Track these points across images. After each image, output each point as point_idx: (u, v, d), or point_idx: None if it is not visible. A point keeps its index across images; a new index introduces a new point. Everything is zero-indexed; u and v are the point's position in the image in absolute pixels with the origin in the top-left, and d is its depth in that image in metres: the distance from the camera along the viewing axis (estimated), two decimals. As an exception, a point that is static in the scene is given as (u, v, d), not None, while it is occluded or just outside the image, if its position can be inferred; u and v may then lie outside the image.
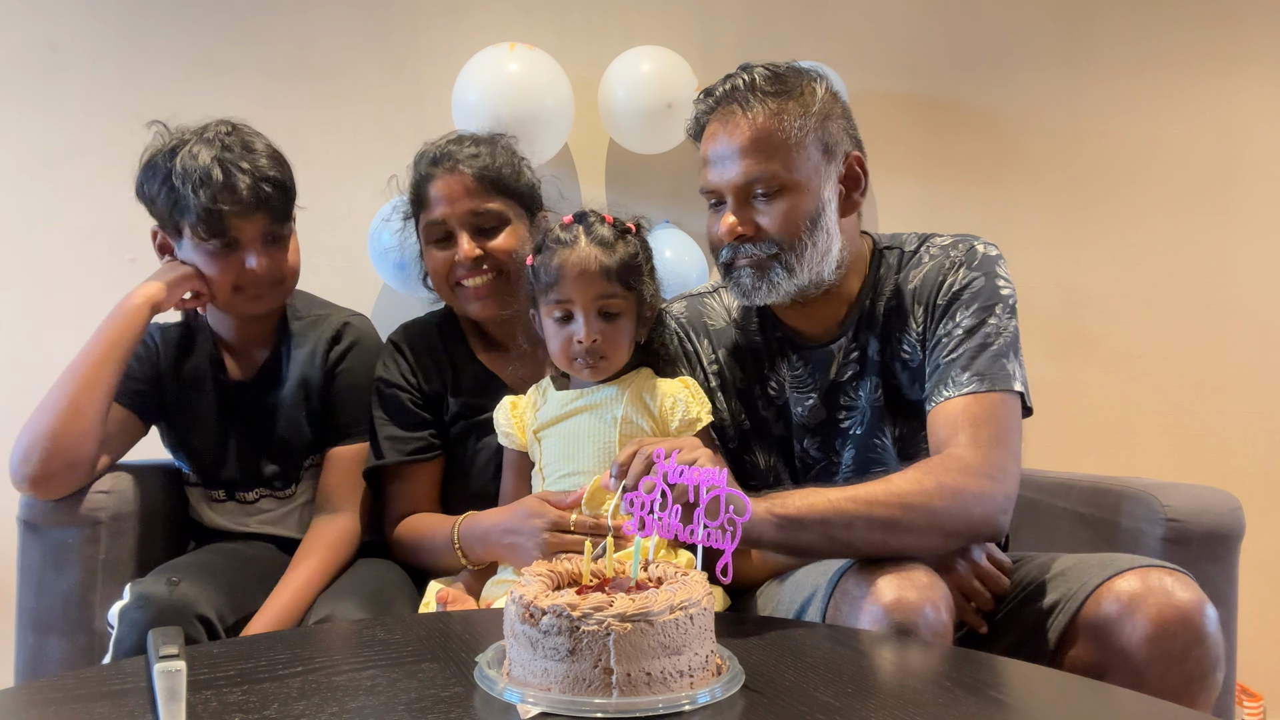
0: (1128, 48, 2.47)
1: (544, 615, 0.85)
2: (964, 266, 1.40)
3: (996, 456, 1.26)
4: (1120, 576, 1.16)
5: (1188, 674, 1.11)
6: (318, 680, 0.92)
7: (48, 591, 1.48)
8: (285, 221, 1.58)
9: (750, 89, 1.38)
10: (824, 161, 1.38)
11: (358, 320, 1.69)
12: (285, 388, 1.63)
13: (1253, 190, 2.50)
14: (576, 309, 1.37)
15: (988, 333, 1.35)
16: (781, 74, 1.39)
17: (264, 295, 1.57)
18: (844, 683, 0.94)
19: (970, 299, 1.38)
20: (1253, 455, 2.48)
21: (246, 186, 1.48)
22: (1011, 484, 1.27)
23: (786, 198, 1.36)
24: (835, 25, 2.40)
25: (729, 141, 1.37)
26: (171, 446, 1.69)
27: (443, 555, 1.49)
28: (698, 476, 1.00)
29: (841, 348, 1.45)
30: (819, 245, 1.37)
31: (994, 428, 1.28)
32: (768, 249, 1.37)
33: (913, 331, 1.42)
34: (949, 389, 1.32)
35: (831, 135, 1.38)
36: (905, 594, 1.11)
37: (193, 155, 1.48)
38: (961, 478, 1.22)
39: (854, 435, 1.46)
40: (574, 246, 1.37)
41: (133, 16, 2.21)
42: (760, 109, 1.36)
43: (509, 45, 2.14)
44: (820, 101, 1.38)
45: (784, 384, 1.49)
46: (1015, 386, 1.32)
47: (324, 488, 1.60)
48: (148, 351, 1.63)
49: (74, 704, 0.87)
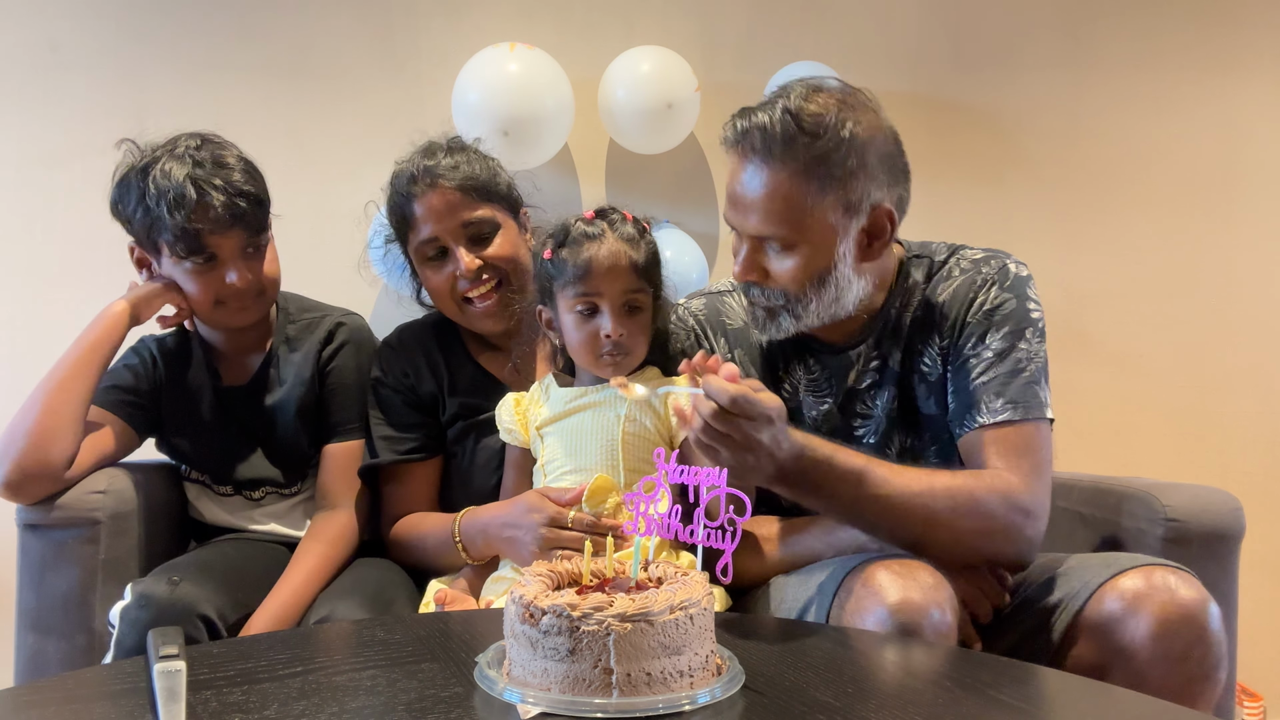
0: (1128, 48, 2.47)
1: (544, 615, 0.85)
2: (996, 285, 1.38)
3: (1039, 490, 1.27)
4: (1124, 575, 1.16)
5: (1190, 672, 1.11)
6: (318, 680, 0.92)
7: (48, 591, 1.48)
8: (262, 233, 1.57)
9: (770, 138, 1.28)
10: (844, 218, 1.31)
11: (351, 320, 1.70)
12: (282, 391, 1.63)
13: (1253, 190, 2.50)
14: (604, 303, 1.36)
15: (1019, 358, 1.33)
16: (805, 126, 1.27)
17: (247, 307, 1.57)
18: (844, 683, 0.94)
19: (1001, 321, 1.36)
20: (1253, 455, 2.48)
21: (221, 204, 1.47)
22: (1045, 519, 1.28)
23: (797, 254, 1.32)
24: (835, 25, 2.40)
25: (743, 189, 1.31)
26: (174, 453, 1.70)
27: (442, 552, 1.49)
28: (698, 476, 1.00)
29: (861, 355, 1.43)
30: (826, 297, 1.34)
31: (1032, 458, 1.29)
32: (776, 298, 1.35)
33: (936, 345, 1.40)
34: (983, 415, 1.32)
35: (856, 192, 1.30)
36: (911, 595, 1.11)
37: (165, 174, 1.48)
38: (1004, 508, 1.24)
39: (866, 444, 1.43)
40: (602, 240, 1.36)
41: (133, 16, 2.21)
42: (779, 169, 1.28)
43: (509, 45, 2.14)
44: (853, 156, 1.28)
45: (798, 387, 1.48)
46: (1048, 414, 1.32)
47: (321, 484, 1.61)
48: (144, 364, 1.64)
49: (74, 704, 0.87)
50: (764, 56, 2.35)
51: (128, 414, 1.60)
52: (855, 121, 1.29)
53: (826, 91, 1.31)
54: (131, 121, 2.18)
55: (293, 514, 1.68)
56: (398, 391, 1.61)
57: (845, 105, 1.30)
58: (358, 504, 1.60)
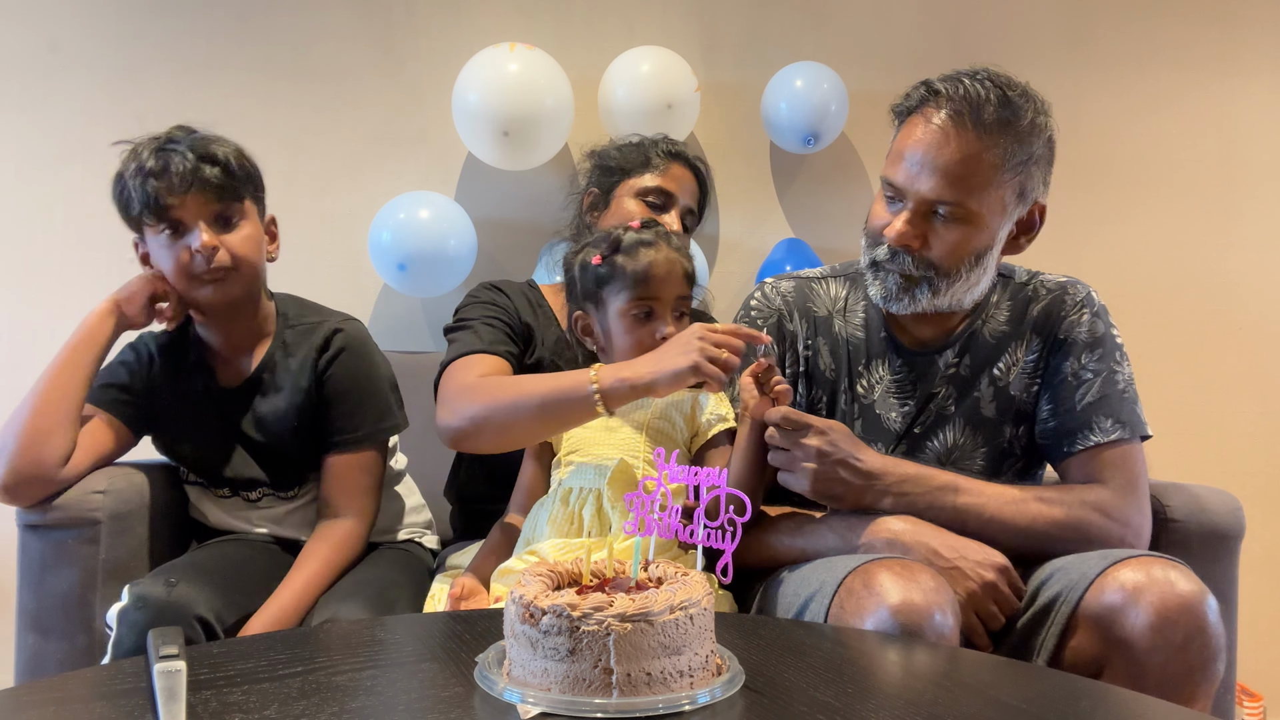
0: (1128, 48, 2.47)
1: (544, 615, 0.85)
2: (1087, 309, 1.45)
3: (1147, 508, 1.36)
4: (1122, 565, 1.17)
5: (1189, 663, 1.11)
6: (318, 680, 0.91)
7: (48, 592, 1.48)
8: (232, 202, 1.54)
9: (979, 105, 1.30)
10: (1014, 202, 1.36)
11: (350, 325, 1.67)
12: (277, 397, 1.62)
13: (1253, 190, 2.50)
14: (661, 306, 1.41)
15: (1119, 380, 1.41)
16: (1015, 102, 1.32)
17: (220, 279, 1.53)
18: (844, 683, 0.94)
19: (1096, 343, 1.43)
20: (1253, 455, 2.48)
21: (183, 166, 1.48)
22: (1148, 533, 1.36)
23: (964, 228, 1.34)
24: (835, 25, 2.40)
25: (932, 151, 1.32)
26: (169, 453, 1.69)
27: (557, 407, 1.36)
28: (698, 476, 1.00)
29: (947, 360, 1.46)
30: (971, 279, 1.38)
31: (1141, 480, 1.37)
32: (923, 269, 1.36)
33: (1013, 356, 1.45)
34: (1095, 434, 1.38)
35: (1032, 180, 1.35)
36: (912, 596, 1.11)
37: (138, 153, 1.51)
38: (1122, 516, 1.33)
39: (913, 434, 1.46)
40: (659, 248, 1.42)
41: (133, 16, 2.21)
42: (977, 134, 1.30)
43: (509, 45, 2.14)
44: (1040, 145, 1.34)
45: (875, 385, 1.48)
46: (1148, 431, 1.41)
47: (325, 496, 1.60)
48: (140, 361, 1.64)
49: (74, 704, 0.87)
50: (764, 56, 2.35)
51: (122, 412, 1.60)
52: (1043, 114, 1.35)
53: (1015, 81, 1.36)
54: (131, 121, 2.19)
55: (290, 518, 1.66)
56: (504, 308, 1.67)
57: (1035, 97, 1.36)
58: (362, 513, 1.60)
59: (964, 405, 1.45)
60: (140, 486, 1.58)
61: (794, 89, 2.23)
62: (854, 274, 1.54)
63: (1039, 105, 1.35)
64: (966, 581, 1.23)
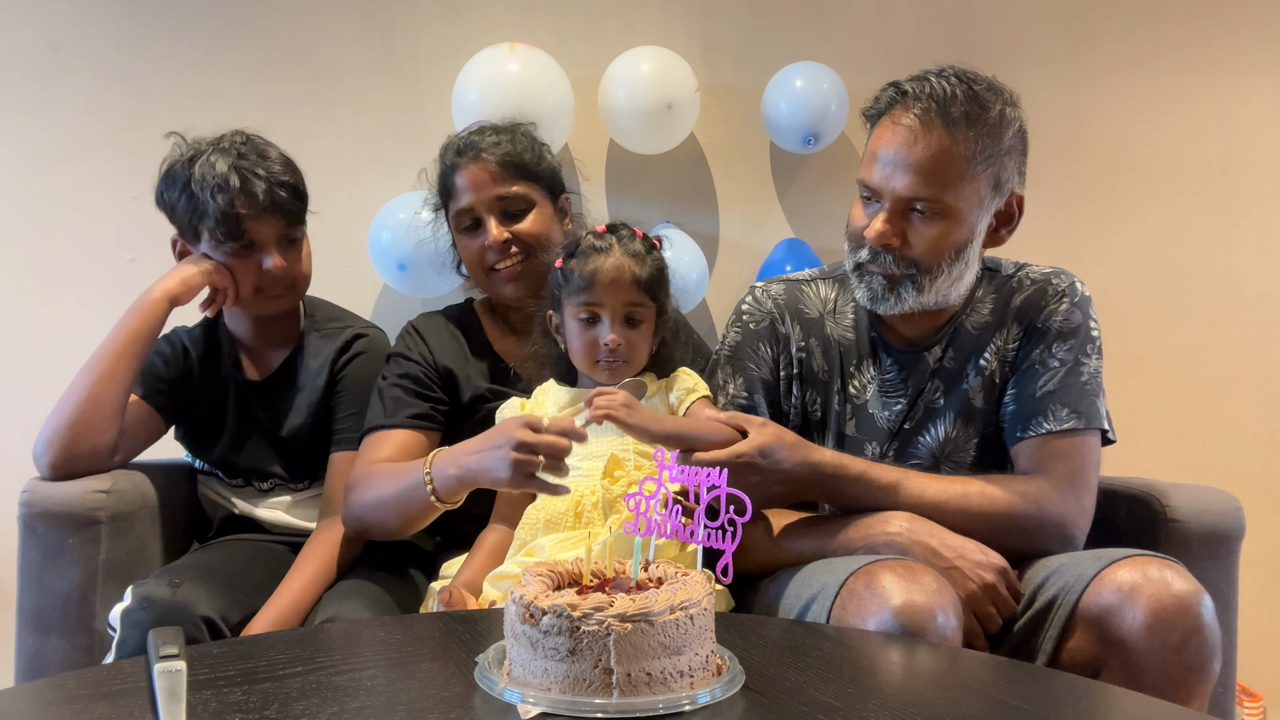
0: (1128, 48, 2.47)
1: (544, 615, 0.85)
2: (1067, 299, 1.45)
3: (1087, 501, 1.37)
4: (1118, 566, 1.17)
5: (1186, 662, 1.11)
6: (318, 680, 0.92)
7: (48, 591, 1.48)
8: (298, 225, 1.64)
9: (946, 102, 1.32)
10: (990, 195, 1.38)
11: (373, 332, 1.75)
12: (297, 393, 1.68)
13: (1253, 190, 2.50)
14: (604, 313, 1.42)
15: (1083, 372, 1.41)
16: (981, 96, 1.34)
17: (280, 296, 1.64)
18: (844, 683, 0.94)
19: (1069, 334, 1.43)
20: (1253, 455, 2.48)
21: (262, 191, 1.55)
22: (1086, 525, 1.36)
23: (942, 223, 1.36)
24: (835, 25, 2.40)
25: (904, 150, 1.34)
26: (188, 441, 1.74)
27: (408, 499, 1.41)
28: (698, 476, 1.00)
29: (935, 356, 1.47)
30: (954, 273, 1.40)
31: (1086, 473, 1.38)
32: (906, 267, 1.38)
33: (996, 345, 1.46)
34: (1049, 421, 1.39)
35: (1006, 171, 1.37)
36: (914, 597, 1.11)
37: (210, 163, 1.55)
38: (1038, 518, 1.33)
39: (905, 429, 1.48)
40: (609, 254, 1.42)
41: (133, 16, 2.21)
42: (947, 129, 1.32)
43: (509, 45, 2.14)
44: (1010, 136, 1.36)
45: (867, 385, 1.49)
46: (1105, 425, 1.42)
47: (328, 493, 1.62)
48: (174, 351, 1.69)
49: (74, 704, 0.87)
50: (764, 56, 2.35)
51: (158, 402, 1.66)
52: (1012, 105, 1.37)
53: (980, 76, 1.38)
54: (131, 121, 2.19)
55: (298, 508, 1.70)
56: (415, 362, 1.64)
57: (1002, 89, 1.38)
58: None
59: (953, 398, 1.46)
60: (141, 486, 1.58)
61: (794, 89, 2.23)
62: (842, 275, 1.55)
63: (1007, 97, 1.37)
64: (965, 583, 1.23)
